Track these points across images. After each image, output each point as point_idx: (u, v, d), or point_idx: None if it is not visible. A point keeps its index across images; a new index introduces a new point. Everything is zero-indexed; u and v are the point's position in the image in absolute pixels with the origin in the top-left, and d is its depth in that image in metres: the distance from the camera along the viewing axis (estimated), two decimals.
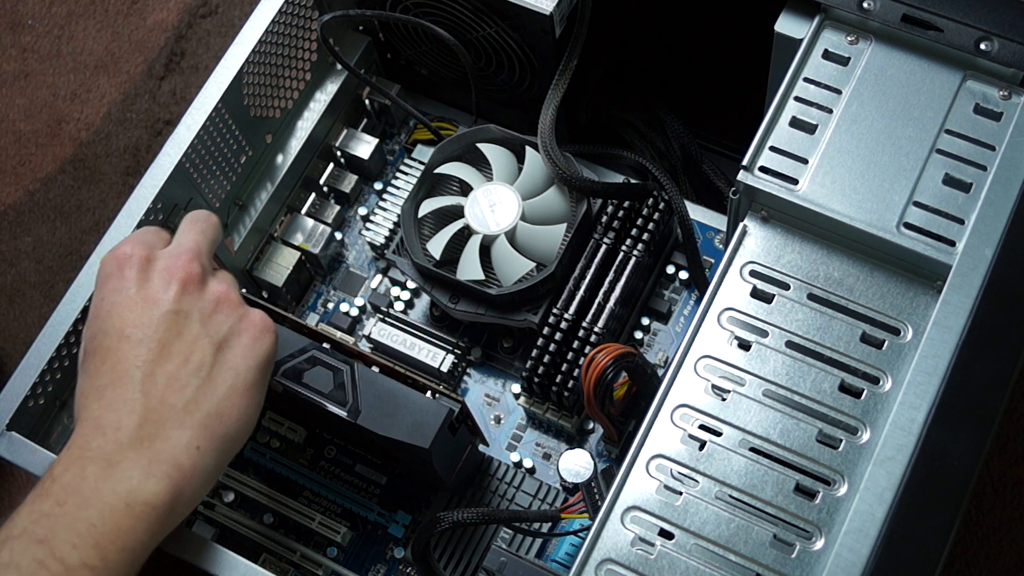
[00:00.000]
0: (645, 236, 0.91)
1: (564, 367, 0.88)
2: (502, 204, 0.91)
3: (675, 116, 1.02)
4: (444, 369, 0.92)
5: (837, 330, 0.74)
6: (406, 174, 1.00)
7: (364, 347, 0.95)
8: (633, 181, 0.93)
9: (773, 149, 0.78)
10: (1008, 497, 1.00)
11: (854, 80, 0.79)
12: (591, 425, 0.92)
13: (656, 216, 0.91)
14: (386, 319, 0.95)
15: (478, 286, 0.89)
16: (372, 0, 0.96)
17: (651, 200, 0.92)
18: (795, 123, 0.79)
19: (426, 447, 0.79)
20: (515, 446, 0.93)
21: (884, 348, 0.73)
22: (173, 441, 0.70)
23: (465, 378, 0.95)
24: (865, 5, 0.80)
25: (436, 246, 0.91)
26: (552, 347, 0.88)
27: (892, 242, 0.74)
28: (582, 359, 0.86)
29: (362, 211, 1.02)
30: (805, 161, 0.78)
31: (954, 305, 0.72)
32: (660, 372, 0.90)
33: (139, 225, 0.86)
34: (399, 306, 0.97)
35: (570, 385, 0.87)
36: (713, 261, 0.95)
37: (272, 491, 0.93)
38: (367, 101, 1.03)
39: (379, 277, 1.00)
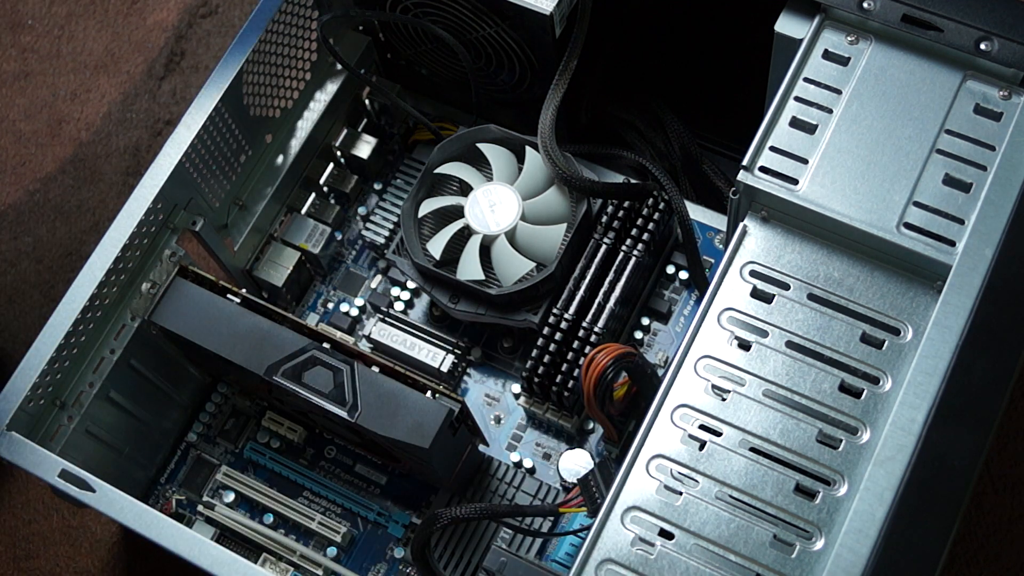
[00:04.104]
0: (645, 236, 0.91)
1: (564, 367, 0.88)
2: (502, 204, 0.91)
3: (675, 116, 1.02)
4: (444, 369, 0.92)
5: (837, 330, 0.74)
6: (406, 174, 1.00)
7: (364, 347, 0.94)
8: (633, 181, 0.93)
9: (773, 149, 0.78)
10: (1008, 497, 1.00)
11: (854, 80, 0.79)
12: (591, 425, 0.92)
13: (656, 216, 0.91)
14: (386, 319, 0.95)
15: (478, 286, 0.89)
16: (372, 0, 0.96)
17: (651, 200, 0.92)
18: (795, 123, 0.79)
19: (426, 447, 0.79)
20: (515, 446, 0.93)
21: (884, 348, 0.73)
22: None
23: (465, 378, 0.95)
24: (865, 5, 0.80)
25: (436, 246, 0.91)
26: (552, 347, 0.88)
27: (892, 242, 0.74)
28: (582, 359, 0.86)
29: (362, 211, 1.02)
30: (805, 161, 0.77)
31: (954, 305, 0.72)
32: (660, 372, 0.90)
33: (139, 225, 0.86)
34: (399, 306, 0.97)
35: (570, 385, 0.87)
36: (713, 261, 0.95)
37: (272, 491, 0.93)
38: (367, 101, 1.03)
39: (379, 277, 1.00)
